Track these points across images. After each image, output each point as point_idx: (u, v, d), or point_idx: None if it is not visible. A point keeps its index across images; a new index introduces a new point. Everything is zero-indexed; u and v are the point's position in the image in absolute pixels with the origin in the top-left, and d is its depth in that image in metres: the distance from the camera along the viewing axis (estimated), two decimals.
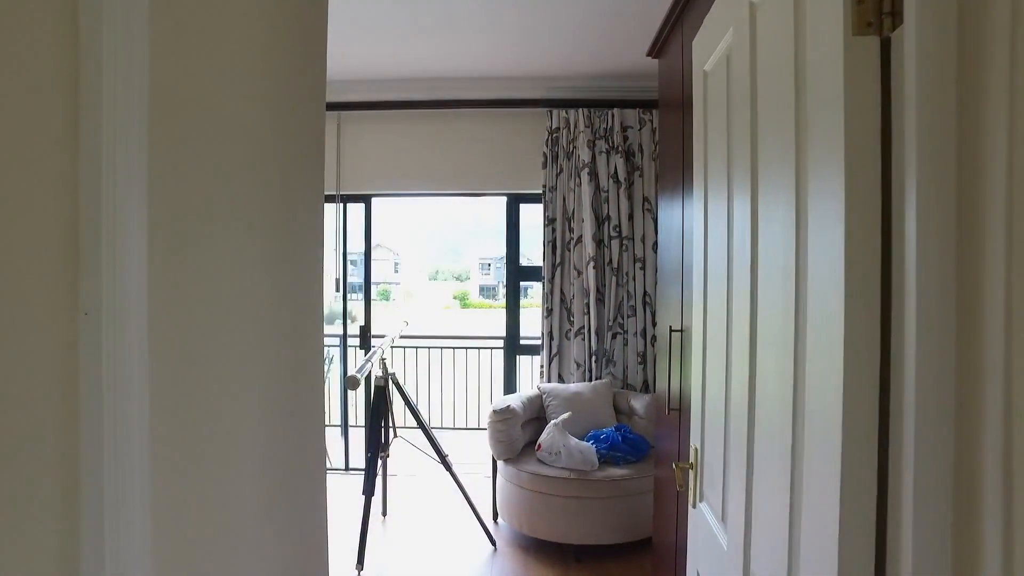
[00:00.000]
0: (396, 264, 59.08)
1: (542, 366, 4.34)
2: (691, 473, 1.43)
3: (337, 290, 4.35)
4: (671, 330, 2.21)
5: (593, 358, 4.15)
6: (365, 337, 4.58)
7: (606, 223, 4.16)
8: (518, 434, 3.51)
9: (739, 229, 1.16)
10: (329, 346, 5.94)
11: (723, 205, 1.27)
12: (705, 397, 1.44)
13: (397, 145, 4.47)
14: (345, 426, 4.82)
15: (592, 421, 3.63)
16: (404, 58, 3.90)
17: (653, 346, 4.13)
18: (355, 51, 3.78)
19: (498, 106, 4.29)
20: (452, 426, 6.30)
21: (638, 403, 3.74)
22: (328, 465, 4.96)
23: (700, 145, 1.48)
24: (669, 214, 2.48)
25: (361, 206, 4.58)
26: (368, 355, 3.03)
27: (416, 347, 6.44)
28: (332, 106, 4.34)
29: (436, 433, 5.99)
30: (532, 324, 5.16)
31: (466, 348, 6.48)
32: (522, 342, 4.60)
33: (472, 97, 4.28)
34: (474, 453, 5.48)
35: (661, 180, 2.71)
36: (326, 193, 4.29)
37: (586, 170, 4.12)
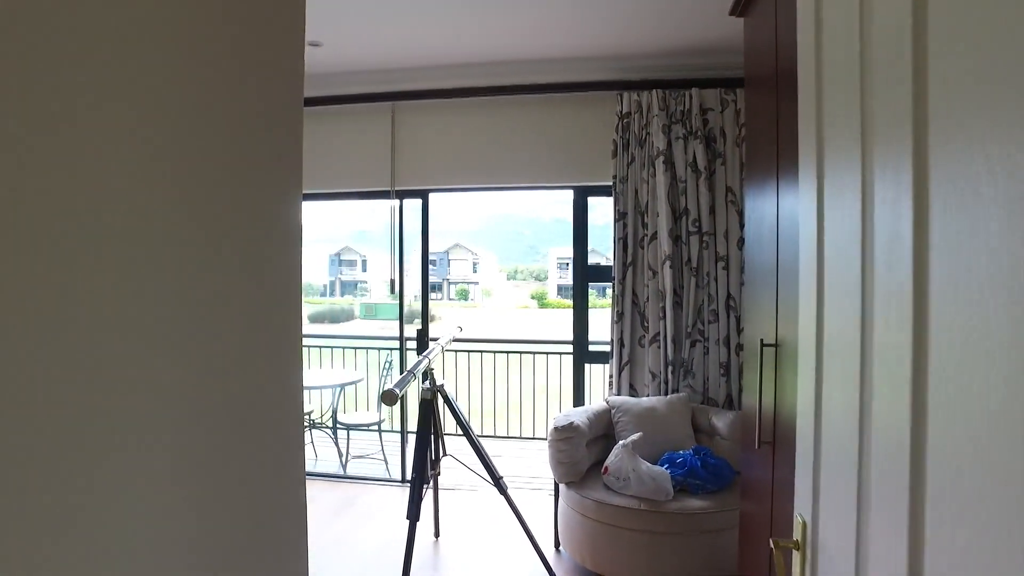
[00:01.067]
0: (475, 264, 59.63)
1: (611, 376, 3.93)
2: (796, 556, 1.02)
3: (392, 292, 4.10)
4: (762, 344, 1.79)
5: (669, 368, 3.71)
6: (422, 341, 4.31)
7: (684, 217, 3.71)
8: (583, 454, 3.13)
9: (887, 219, 0.75)
10: (385, 349, 5.75)
11: (852, 189, 0.85)
12: (820, 440, 1.02)
13: (455, 136, 4.18)
14: (404, 434, 4.58)
15: (667, 441, 3.20)
16: (458, 41, 3.59)
17: (738, 356, 3.64)
18: (406, 35, 3.51)
19: (562, 90, 3.92)
20: (518, 435, 5.97)
21: (720, 421, 3.28)
22: (387, 475, 4.75)
23: (810, 113, 1.06)
24: (758, 206, 2.05)
25: (418, 202, 4.31)
26: (412, 365, 2.73)
27: (481, 351, 6.14)
28: (385, 96, 4.11)
29: (499, 443, 5.74)
30: (603, 328, 4.77)
31: (534, 353, 6.13)
32: (592, 348, 4.20)
33: (533, 81, 3.93)
34: (540, 466, 5.12)
35: (748, 167, 2.27)
36: (379, 189, 4.05)
37: (661, 158, 3.68)
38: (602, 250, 4.26)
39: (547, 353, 6.11)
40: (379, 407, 5.17)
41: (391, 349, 5.50)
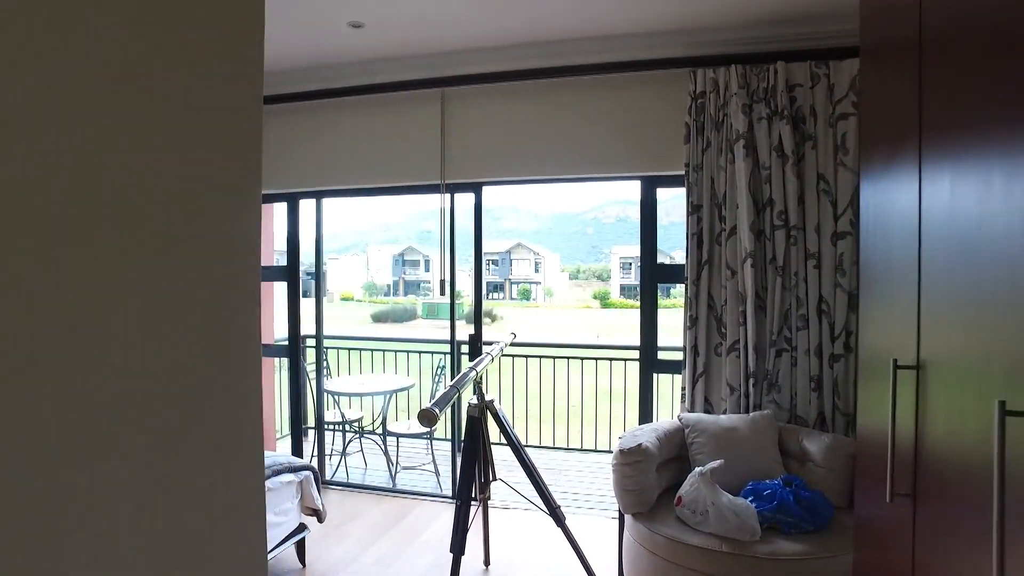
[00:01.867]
0: (537, 264, 59.35)
1: (683, 388, 3.51)
2: None
3: (442, 293, 3.79)
4: (896, 365, 1.36)
5: (751, 381, 3.26)
6: (475, 347, 3.99)
7: (768, 209, 3.25)
8: (652, 481, 2.73)
9: None
10: (439, 353, 5.46)
11: None
12: None
13: (509, 124, 3.84)
14: (455, 443, 4.27)
15: (751, 468, 2.76)
16: (510, 18, 3.25)
17: (832, 368, 3.16)
18: (453, 11, 3.19)
19: (625, 69, 3.52)
20: (579, 447, 5.58)
21: (814, 445, 2.82)
22: (437, 489, 4.45)
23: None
24: (884, 193, 1.61)
25: (470, 196, 3.99)
26: (457, 379, 2.40)
27: (540, 356, 5.78)
28: (433, 82, 3.80)
29: (558, 456, 5.37)
30: (674, 333, 4.34)
31: (596, 359, 5.72)
32: (661, 355, 3.78)
33: (593, 61, 3.54)
34: (603, 483, 4.73)
35: (868, 148, 1.82)
36: (428, 182, 3.74)
37: (741, 142, 3.24)
38: (666, 249, 3.82)
39: (610, 359, 5.69)
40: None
41: (444, 353, 5.23)
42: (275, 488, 2.88)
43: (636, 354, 5.26)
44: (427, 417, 2.07)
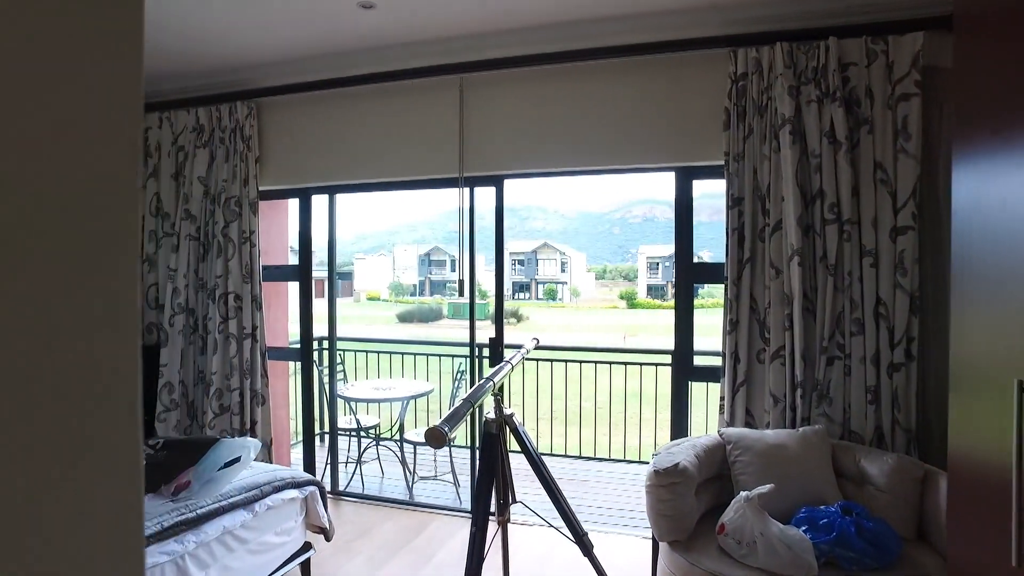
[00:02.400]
0: (563, 263, 58.97)
1: (722, 398, 3.21)
2: None
3: (461, 293, 3.53)
4: (1022, 388, 1.06)
5: (797, 392, 2.95)
6: (495, 352, 3.73)
7: (818, 201, 2.94)
8: (691, 505, 2.44)
9: None
10: (458, 356, 5.21)
11: None
12: None
13: (532, 112, 3.57)
14: (474, 451, 4.01)
15: (802, 492, 2.46)
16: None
17: (891, 378, 2.84)
18: None
19: (659, 51, 3.23)
20: (607, 456, 5.28)
21: (875, 466, 2.50)
22: (456, 501, 4.20)
23: None
24: (998, 177, 1.31)
25: (491, 190, 3.73)
26: (471, 392, 2.13)
27: (565, 360, 5.50)
28: (451, 68, 3.55)
29: (584, 466, 5.08)
30: (705, 335, 4.04)
31: (625, 363, 5.41)
32: (696, 360, 3.48)
33: (624, 42, 3.26)
34: (632, 496, 4.44)
35: (968, 127, 1.51)
36: (445, 176, 3.49)
37: (787, 128, 2.93)
38: (694, 248, 3.51)
39: (640, 364, 5.39)
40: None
41: (464, 357, 4.99)
42: (276, 506, 2.65)
43: (667, 358, 4.99)
44: (435, 438, 1.81)
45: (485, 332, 3.83)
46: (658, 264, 60.25)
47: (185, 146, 4.15)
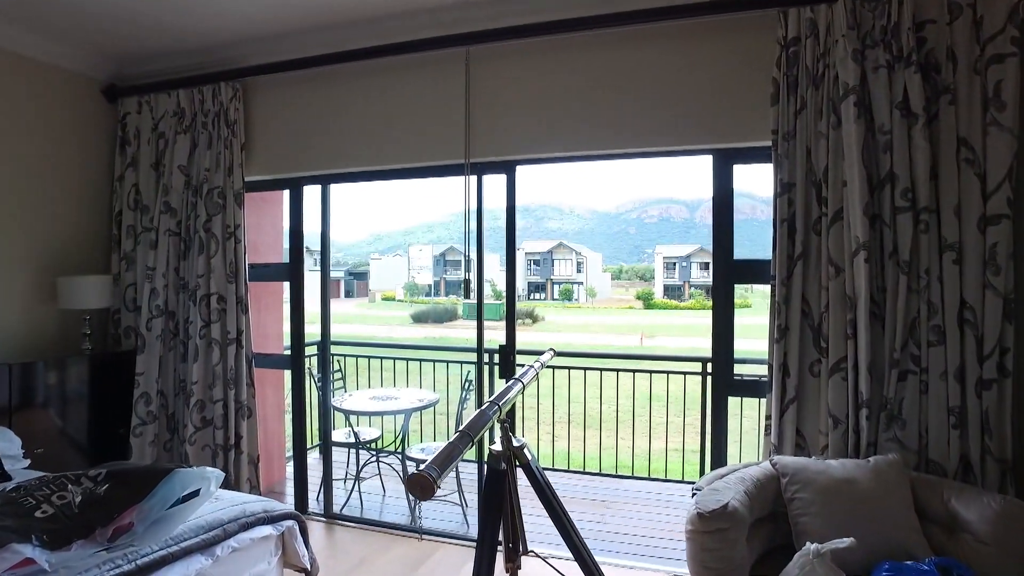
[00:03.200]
0: (579, 263, 58.31)
1: (768, 417, 2.75)
2: None
3: (467, 295, 3.11)
4: None
5: (863, 412, 2.48)
6: (507, 362, 3.30)
7: (887, 186, 2.47)
8: (741, 554, 1.99)
9: None
10: (468, 363, 4.77)
11: None
12: None
13: (548, 89, 3.14)
14: (481, 465, 3.58)
15: (880, 539, 2.00)
16: None
17: (979, 397, 2.36)
18: None
19: (696, 14, 2.77)
20: (630, 474, 4.83)
21: (971, 510, 2.03)
22: (463, 527, 3.77)
23: None
24: None
25: (501, 178, 3.30)
26: (469, 423, 1.68)
27: (584, 368, 5.04)
28: (458, 39, 3.11)
29: (604, 484, 4.61)
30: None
31: (650, 371, 4.94)
32: (736, 370, 3.03)
33: (652, 5, 2.81)
34: (661, 521, 3.99)
35: None
36: (450, 162, 3.06)
37: (851, 100, 2.47)
38: (709, 246, 3.05)
39: (666, 372, 4.92)
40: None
41: (474, 363, 4.55)
42: (244, 547, 2.24)
43: (694, 366, 4.53)
44: (420, 487, 1.37)
45: (498, 334, 3.39)
46: (675, 264, 59.50)
47: (165, 132, 3.77)
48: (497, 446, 1.83)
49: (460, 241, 3.33)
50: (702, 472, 4.36)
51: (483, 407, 1.75)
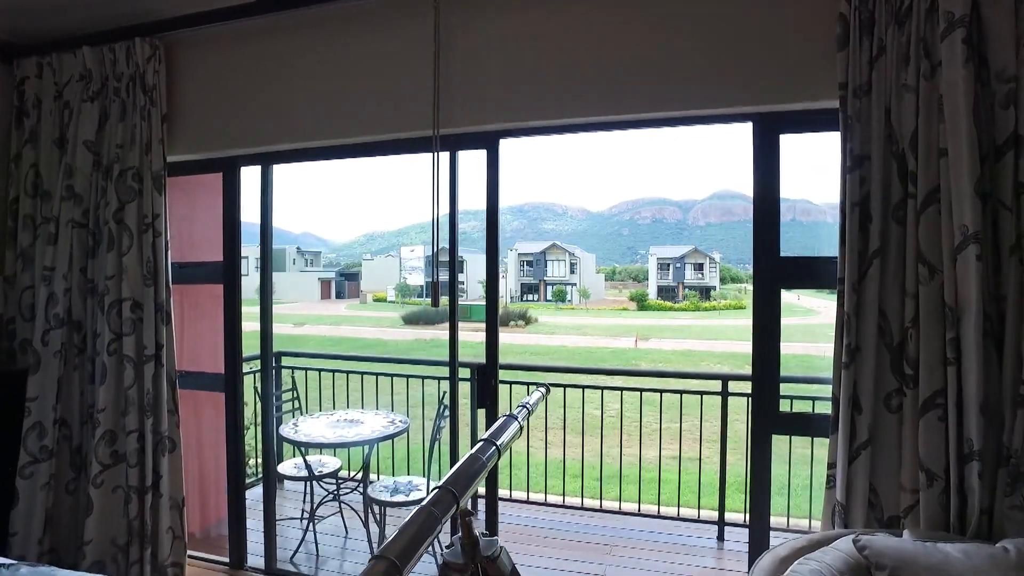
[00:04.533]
0: (572, 264, 57.63)
1: (832, 465, 2.07)
2: None
3: (435, 303, 2.42)
4: None
5: (973, 467, 1.81)
6: (485, 387, 2.61)
7: (1010, 154, 1.80)
8: None
9: None
10: (435, 377, 4.08)
11: None
12: None
13: (539, 40, 2.46)
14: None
15: None
16: None
17: None
18: None
19: None
20: (635, 510, 4.13)
21: None
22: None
23: None
24: None
25: (480, 154, 2.62)
26: (421, 518, 1.00)
27: (582, 385, 4.35)
28: None
29: (610, 523, 3.89)
30: (721, 340, 2.93)
31: (659, 390, 4.23)
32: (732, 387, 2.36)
33: None
34: (677, 567, 3.31)
35: None
36: (415, 134, 2.30)
37: (957, 35, 1.79)
38: (705, 248, 2.36)
39: (679, 392, 4.22)
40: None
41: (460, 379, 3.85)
42: None
43: (713, 383, 3.88)
44: None
45: (482, 337, 2.71)
46: (669, 265, 59.16)
47: (71, 101, 3.06)
48: (455, 546, 1.12)
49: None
50: (722, 529, 3.70)
51: (435, 491, 1.05)
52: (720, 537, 3.70)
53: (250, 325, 3.11)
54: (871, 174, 1.98)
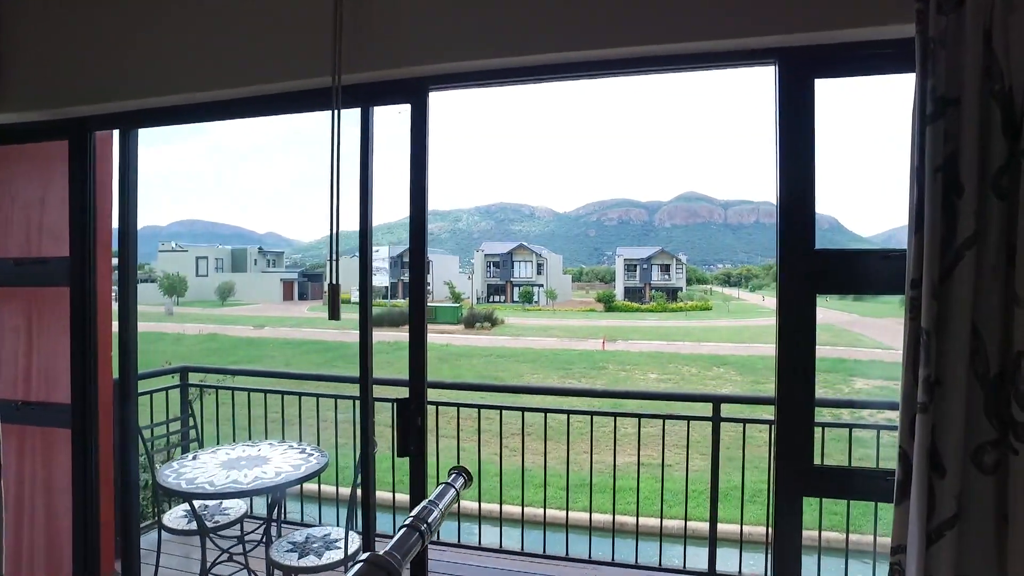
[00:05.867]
0: (540, 265, 57.04)
1: (898, 547, 1.42)
2: None
3: (333, 315, 1.71)
4: None
5: None
6: (408, 423, 1.92)
7: None
8: None
9: None
10: (334, 396, 3.36)
11: None
12: None
13: None
14: None
15: None
16: None
17: None
18: None
19: None
20: (610, 560, 3.46)
21: None
22: None
23: None
24: None
25: (402, 110, 1.92)
26: None
27: (559, 409, 3.65)
28: None
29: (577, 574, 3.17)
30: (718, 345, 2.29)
31: (663, 416, 3.53)
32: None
33: None
34: None
35: None
36: (310, 86, 1.64)
37: None
38: (673, 248, 1.78)
39: (662, 416, 3.56)
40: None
41: (388, 400, 3.12)
42: None
43: (702, 406, 3.26)
44: None
45: (453, 338, 1.98)
46: (636, 266, 59.08)
47: None
48: None
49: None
50: None
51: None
52: None
53: (228, 328, 2.36)
54: (961, 125, 1.34)
